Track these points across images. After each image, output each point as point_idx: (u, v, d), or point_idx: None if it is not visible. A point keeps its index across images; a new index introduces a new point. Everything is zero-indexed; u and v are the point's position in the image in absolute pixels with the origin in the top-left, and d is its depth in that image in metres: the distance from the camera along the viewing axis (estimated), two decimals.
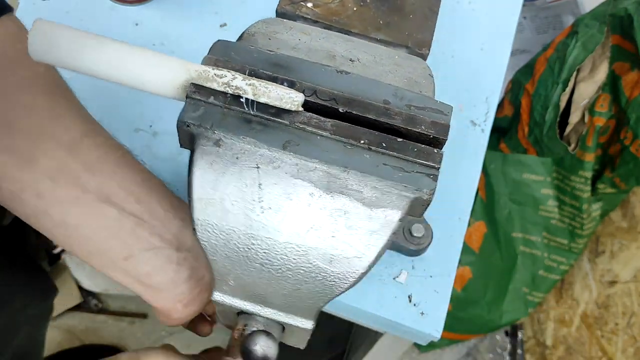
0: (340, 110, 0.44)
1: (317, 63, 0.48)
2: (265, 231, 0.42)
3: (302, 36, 0.53)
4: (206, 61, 0.45)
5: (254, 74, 0.45)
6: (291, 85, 0.45)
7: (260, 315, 0.45)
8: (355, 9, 0.58)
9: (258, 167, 0.42)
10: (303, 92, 0.45)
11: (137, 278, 0.49)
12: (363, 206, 0.42)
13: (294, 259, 0.42)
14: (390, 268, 0.64)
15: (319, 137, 0.43)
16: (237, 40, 0.51)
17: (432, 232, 0.65)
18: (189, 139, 0.44)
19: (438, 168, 0.43)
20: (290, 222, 0.42)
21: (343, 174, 0.42)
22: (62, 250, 1.43)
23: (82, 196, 0.47)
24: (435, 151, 0.44)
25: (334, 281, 0.43)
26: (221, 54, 0.46)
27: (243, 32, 0.52)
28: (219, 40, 0.47)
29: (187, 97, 0.44)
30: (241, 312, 0.47)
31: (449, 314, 0.64)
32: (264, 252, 0.42)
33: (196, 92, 0.44)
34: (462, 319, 1.32)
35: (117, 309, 1.47)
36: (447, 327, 0.63)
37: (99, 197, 0.47)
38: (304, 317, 0.45)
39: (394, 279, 0.64)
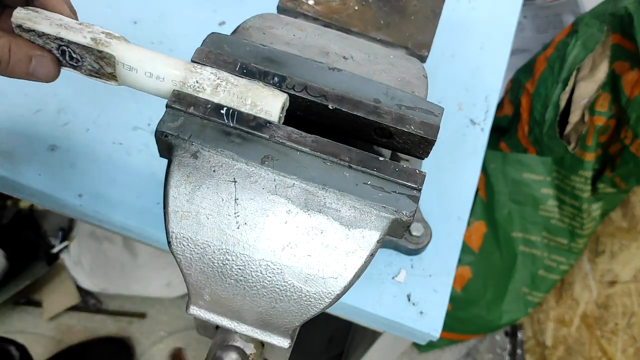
0: (330, 106, 0.44)
1: (310, 59, 0.48)
2: (241, 247, 0.41)
3: (297, 32, 0.52)
4: (198, 53, 0.45)
5: (245, 68, 0.44)
6: (282, 80, 0.44)
7: (236, 332, 0.45)
8: (356, 8, 0.58)
9: (235, 182, 0.41)
10: (293, 87, 0.44)
11: None
12: (340, 225, 0.41)
13: (269, 276, 0.41)
14: (389, 267, 0.64)
15: (298, 153, 0.43)
16: (231, 34, 0.51)
17: (431, 231, 0.64)
18: (167, 149, 0.43)
19: (419, 189, 0.42)
20: (266, 239, 0.41)
21: (321, 192, 0.41)
22: (61, 250, 1.43)
23: None
24: (417, 172, 0.43)
25: (309, 301, 0.42)
26: (214, 47, 0.46)
27: (238, 26, 0.52)
28: (212, 33, 0.47)
29: (166, 106, 0.43)
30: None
31: (448, 314, 0.63)
32: (239, 269, 0.42)
33: (176, 101, 0.43)
34: (461, 319, 1.31)
35: (115, 308, 1.47)
36: (447, 327, 0.63)
37: None
38: (280, 336, 0.44)
39: (392, 278, 0.64)
